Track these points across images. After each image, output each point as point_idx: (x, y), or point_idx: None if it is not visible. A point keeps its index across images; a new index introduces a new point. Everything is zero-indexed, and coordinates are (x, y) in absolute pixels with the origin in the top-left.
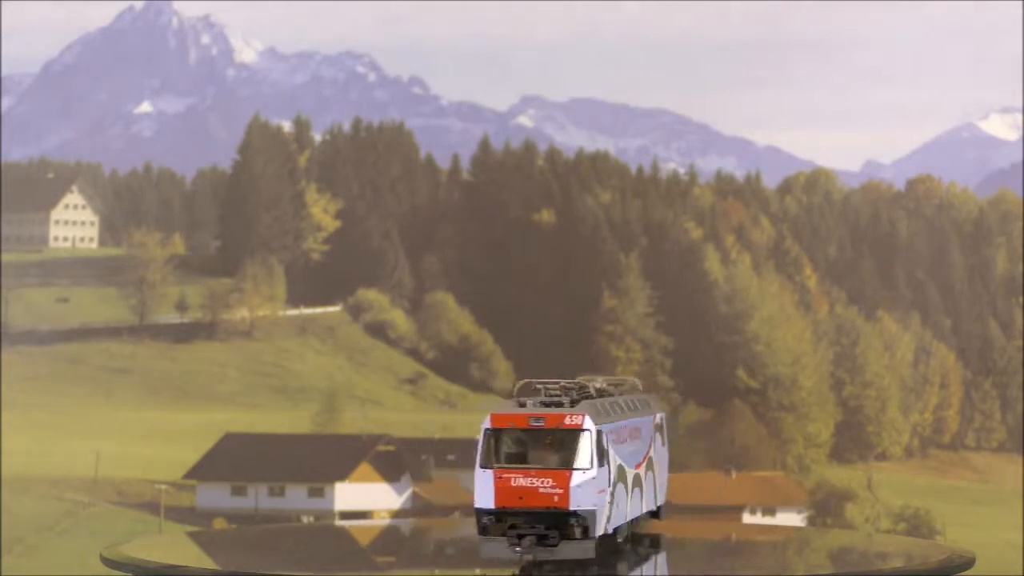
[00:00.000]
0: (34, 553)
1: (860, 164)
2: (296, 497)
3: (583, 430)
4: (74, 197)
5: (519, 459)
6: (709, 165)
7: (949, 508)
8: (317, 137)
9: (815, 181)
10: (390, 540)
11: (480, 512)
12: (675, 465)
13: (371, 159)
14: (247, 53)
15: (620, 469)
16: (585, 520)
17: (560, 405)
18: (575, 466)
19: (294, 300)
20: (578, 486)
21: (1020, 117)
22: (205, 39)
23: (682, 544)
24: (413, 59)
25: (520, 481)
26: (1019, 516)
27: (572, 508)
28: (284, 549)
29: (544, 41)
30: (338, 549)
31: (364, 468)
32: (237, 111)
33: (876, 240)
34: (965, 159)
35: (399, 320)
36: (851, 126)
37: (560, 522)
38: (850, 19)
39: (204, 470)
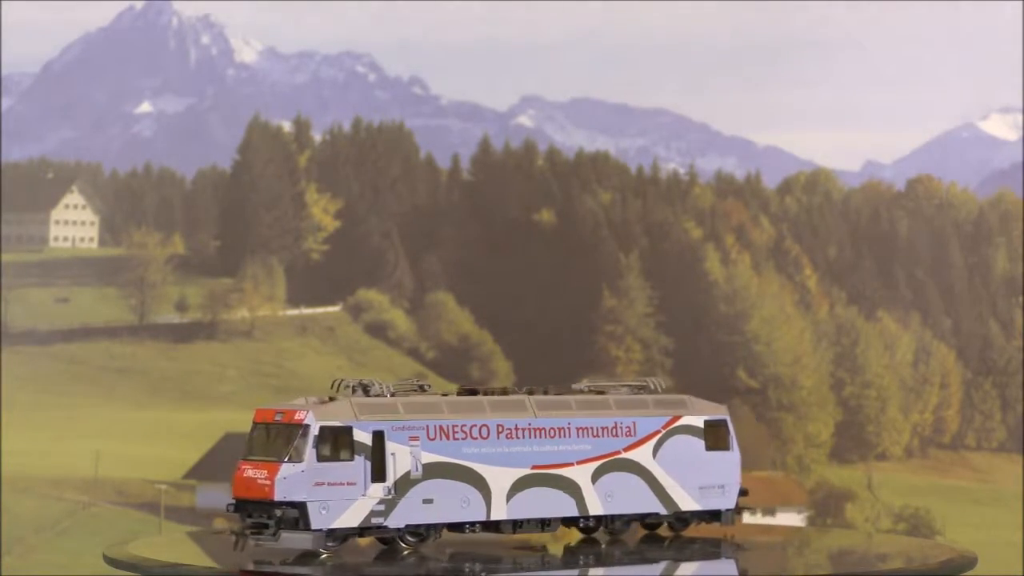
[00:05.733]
0: (34, 553)
1: (860, 164)
2: None
3: (303, 425)
4: (74, 197)
5: (258, 451)
6: (709, 165)
7: (949, 508)
8: (317, 137)
9: (815, 181)
10: (390, 540)
11: (231, 501)
12: None
13: (371, 159)
14: (247, 53)
15: (447, 466)
16: (291, 511)
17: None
18: (285, 459)
19: (294, 300)
20: (285, 478)
21: (1020, 117)
22: (205, 39)
23: (682, 544)
24: (413, 59)
25: (248, 472)
26: (1019, 516)
27: (277, 498)
28: (284, 549)
29: (544, 41)
30: (337, 549)
31: None
32: (237, 111)
33: (876, 240)
34: (965, 159)
35: (399, 320)
36: (851, 126)
37: (271, 513)
38: (850, 19)
39: (204, 470)
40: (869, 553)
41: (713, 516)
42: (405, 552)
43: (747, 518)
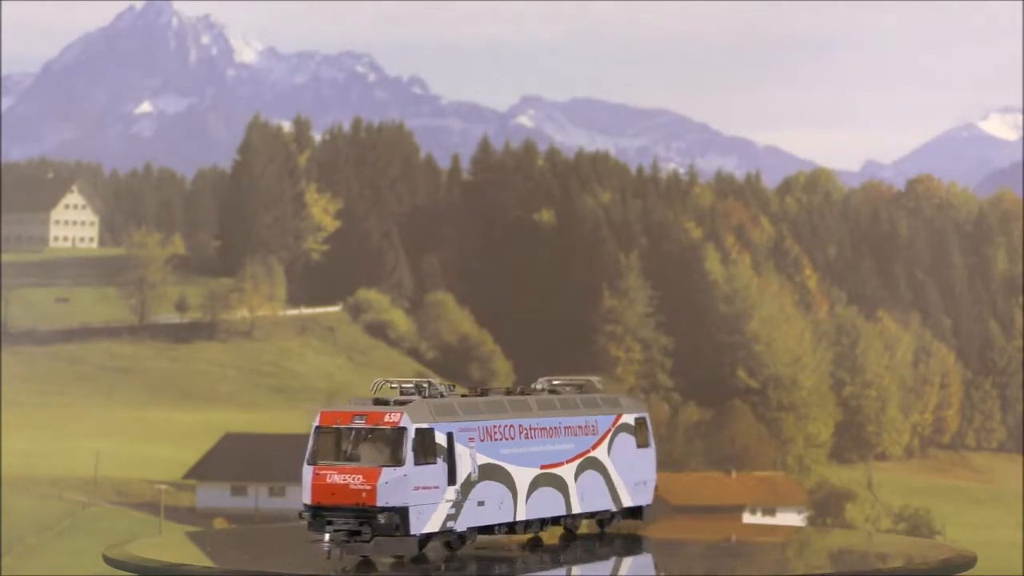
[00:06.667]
0: (34, 553)
1: (860, 164)
2: (296, 497)
3: (399, 428)
4: (74, 197)
5: (339, 456)
6: (709, 165)
7: (949, 508)
8: (317, 137)
9: (815, 181)
10: (390, 540)
11: (305, 508)
12: (675, 465)
13: (371, 159)
14: (247, 53)
15: (493, 468)
16: (396, 517)
17: (386, 404)
18: (385, 463)
19: (294, 300)
20: (387, 483)
21: (1020, 117)
22: (205, 39)
23: (682, 544)
24: (413, 59)
25: (334, 478)
26: (1019, 516)
27: (380, 504)
28: (284, 549)
29: (544, 41)
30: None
31: None
32: (237, 111)
33: (876, 240)
34: (965, 159)
35: (399, 320)
36: (851, 126)
37: (370, 519)
38: (850, 19)
39: (204, 470)
40: (869, 553)
41: (637, 513)
42: (447, 556)
43: (747, 518)
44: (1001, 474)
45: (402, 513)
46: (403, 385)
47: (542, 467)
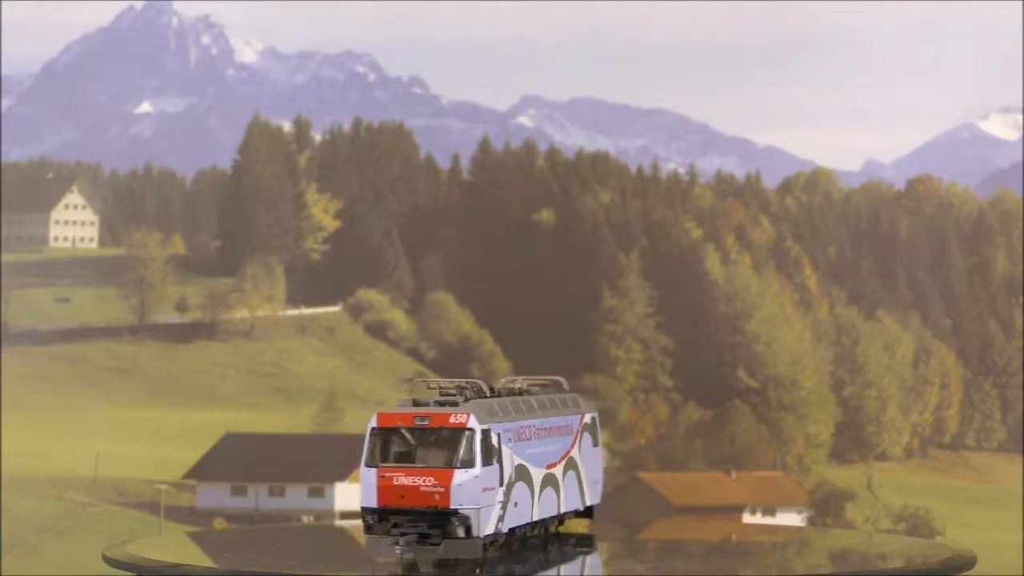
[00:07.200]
0: (34, 553)
1: (860, 164)
2: (296, 497)
3: (467, 429)
4: (74, 197)
5: (403, 458)
6: (709, 165)
7: (949, 508)
8: (317, 137)
9: (815, 181)
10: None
11: (365, 511)
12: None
13: (371, 159)
14: (247, 53)
15: (522, 469)
16: (468, 520)
17: (453, 404)
18: (457, 465)
19: (294, 300)
20: (459, 485)
21: (1020, 117)
22: (205, 39)
23: (682, 544)
24: (413, 59)
25: (402, 480)
26: (1019, 516)
27: (453, 507)
28: (283, 549)
29: (544, 41)
30: (338, 549)
31: None
32: (237, 111)
33: (876, 240)
34: (965, 159)
35: (399, 320)
36: (851, 126)
37: (442, 521)
38: (850, 19)
39: (204, 470)
40: (869, 553)
41: (589, 512)
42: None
43: (747, 518)
44: (1001, 474)
45: (472, 515)
46: (441, 385)
47: (547, 467)
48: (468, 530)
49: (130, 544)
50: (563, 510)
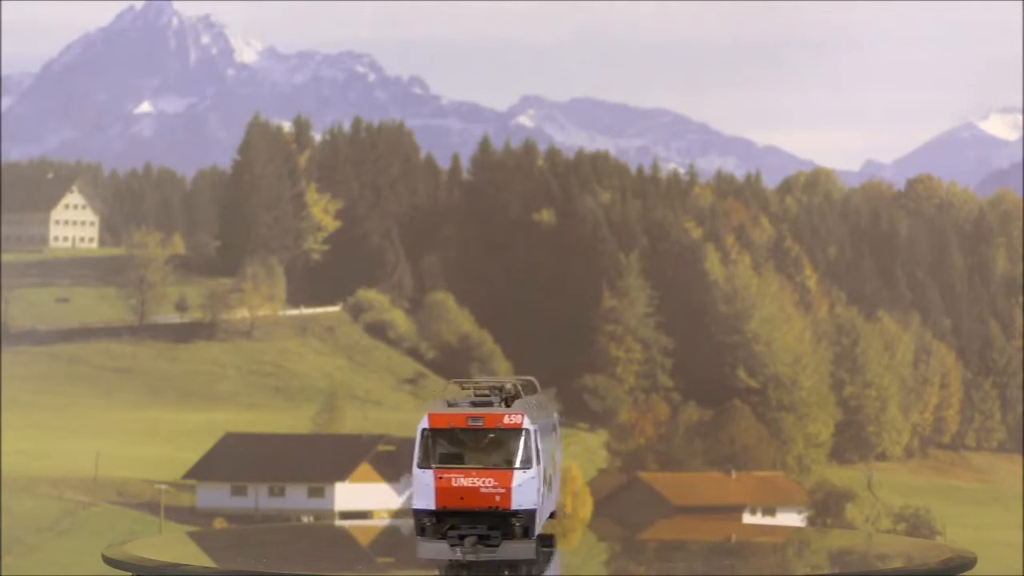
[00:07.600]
0: (34, 553)
1: (860, 164)
2: (296, 497)
3: (522, 429)
4: (74, 197)
5: (457, 459)
6: (709, 165)
7: (949, 508)
8: (317, 137)
9: (815, 181)
10: (390, 540)
11: (419, 513)
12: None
13: (371, 159)
14: (247, 53)
15: (544, 469)
16: (526, 520)
17: (491, 404)
18: (516, 465)
19: (294, 300)
20: (519, 485)
21: (1020, 117)
22: (205, 39)
23: (682, 544)
24: (413, 59)
25: (461, 481)
26: (1019, 516)
27: (514, 508)
28: (284, 549)
29: (544, 41)
30: (337, 549)
31: (364, 468)
32: (237, 111)
33: (876, 240)
34: (965, 159)
35: (399, 320)
36: (851, 126)
37: (502, 522)
38: (850, 19)
39: (204, 470)
40: (869, 553)
41: (552, 512)
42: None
43: (747, 518)
44: (1001, 474)
45: (530, 515)
46: (476, 386)
47: (548, 466)
48: (527, 531)
49: (130, 544)
50: (554, 508)
